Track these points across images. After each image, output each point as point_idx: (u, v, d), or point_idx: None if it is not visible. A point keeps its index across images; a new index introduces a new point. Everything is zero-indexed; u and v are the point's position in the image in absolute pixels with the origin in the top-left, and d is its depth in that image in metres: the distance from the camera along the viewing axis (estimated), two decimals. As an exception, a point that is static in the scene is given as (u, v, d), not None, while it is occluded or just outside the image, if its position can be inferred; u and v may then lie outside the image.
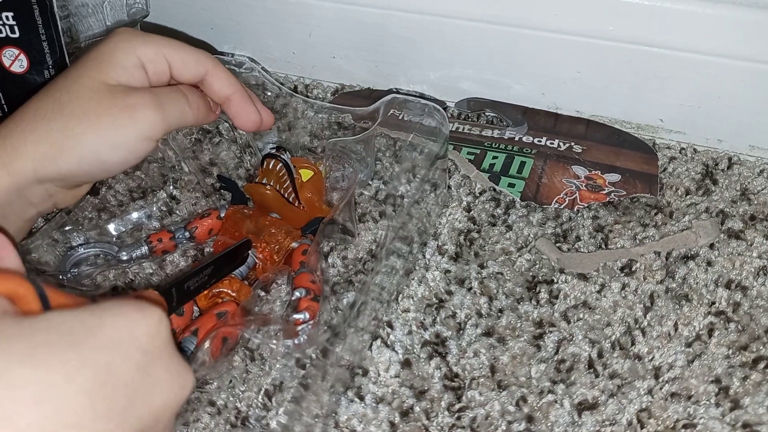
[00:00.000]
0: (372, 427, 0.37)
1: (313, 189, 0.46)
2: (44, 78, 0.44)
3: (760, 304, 0.41)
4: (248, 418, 0.38)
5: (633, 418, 0.36)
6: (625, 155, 0.52)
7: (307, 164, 0.47)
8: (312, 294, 0.39)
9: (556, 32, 0.51)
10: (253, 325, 0.38)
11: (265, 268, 0.43)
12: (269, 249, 0.43)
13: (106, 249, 0.44)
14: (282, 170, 0.43)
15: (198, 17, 0.60)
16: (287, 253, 0.43)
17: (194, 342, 0.37)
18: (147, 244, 0.44)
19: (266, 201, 0.44)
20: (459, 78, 0.57)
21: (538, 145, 0.53)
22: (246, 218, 0.44)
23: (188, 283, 0.36)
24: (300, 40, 0.59)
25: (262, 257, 0.43)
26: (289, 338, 0.38)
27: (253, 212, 0.45)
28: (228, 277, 0.41)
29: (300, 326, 0.37)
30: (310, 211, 0.46)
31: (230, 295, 0.40)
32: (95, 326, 0.21)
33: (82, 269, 0.44)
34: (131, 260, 0.44)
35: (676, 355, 0.39)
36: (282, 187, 0.44)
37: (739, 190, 0.49)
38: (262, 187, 0.43)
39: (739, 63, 0.48)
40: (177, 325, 0.38)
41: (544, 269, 0.44)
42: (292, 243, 0.43)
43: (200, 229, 0.45)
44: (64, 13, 0.48)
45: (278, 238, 0.43)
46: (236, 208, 0.45)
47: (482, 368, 0.39)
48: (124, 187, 0.50)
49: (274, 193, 0.43)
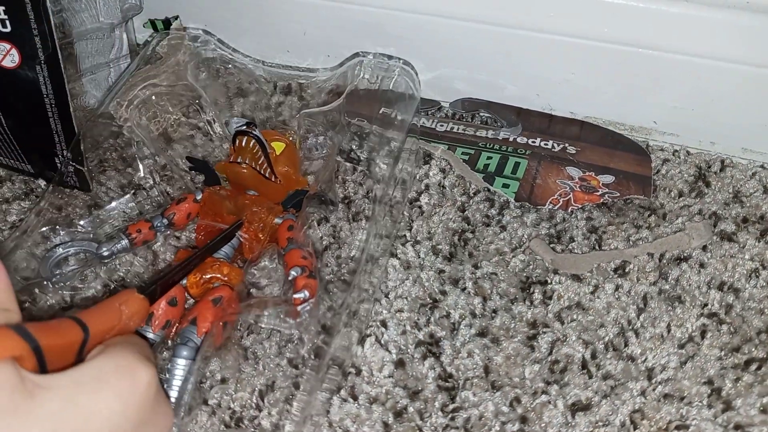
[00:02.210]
0: (365, 427, 0.37)
1: (287, 161, 0.45)
2: (36, 73, 0.43)
3: (752, 306, 0.41)
4: (242, 419, 0.37)
5: (626, 419, 0.36)
6: (618, 157, 0.52)
7: (278, 136, 0.46)
8: (307, 271, 0.39)
9: (550, 33, 0.51)
10: (252, 309, 0.38)
11: (251, 247, 0.42)
12: (253, 228, 0.42)
13: (85, 246, 0.44)
14: (255, 146, 0.43)
15: (193, 16, 0.60)
16: (271, 230, 0.42)
17: (194, 331, 0.37)
18: (126, 237, 0.44)
19: (242, 179, 0.43)
20: (453, 78, 0.57)
21: (533, 146, 0.53)
22: (224, 199, 0.44)
23: (174, 277, 0.36)
24: (295, 39, 0.59)
25: (247, 237, 0.42)
26: (291, 318, 0.37)
27: (230, 192, 0.44)
28: (216, 261, 0.40)
29: (300, 305, 0.37)
30: (287, 184, 0.45)
31: (221, 279, 0.40)
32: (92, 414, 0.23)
33: (64, 270, 0.43)
34: (113, 255, 0.44)
35: (669, 356, 0.39)
36: (257, 163, 0.43)
37: (731, 193, 0.49)
38: (237, 166, 0.43)
39: (733, 66, 0.48)
40: (172, 316, 0.38)
41: (538, 270, 0.44)
42: (275, 219, 0.42)
43: (178, 214, 0.45)
44: (56, 8, 0.48)
45: (261, 216, 0.42)
46: (212, 190, 0.45)
47: (476, 369, 0.39)
48: (115, 183, 0.50)
49: (250, 171, 0.43)
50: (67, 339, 0.25)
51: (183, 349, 0.36)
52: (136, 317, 0.30)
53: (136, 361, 0.25)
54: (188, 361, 0.36)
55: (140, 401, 0.25)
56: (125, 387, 0.25)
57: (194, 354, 0.36)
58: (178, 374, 0.36)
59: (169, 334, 0.38)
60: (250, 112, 0.53)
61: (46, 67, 0.43)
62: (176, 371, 0.36)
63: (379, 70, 0.48)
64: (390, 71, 0.47)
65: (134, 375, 0.25)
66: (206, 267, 0.40)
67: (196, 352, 0.37)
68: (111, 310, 0.29)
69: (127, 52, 0.56)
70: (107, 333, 0.27)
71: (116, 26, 0.54)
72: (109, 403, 0.24)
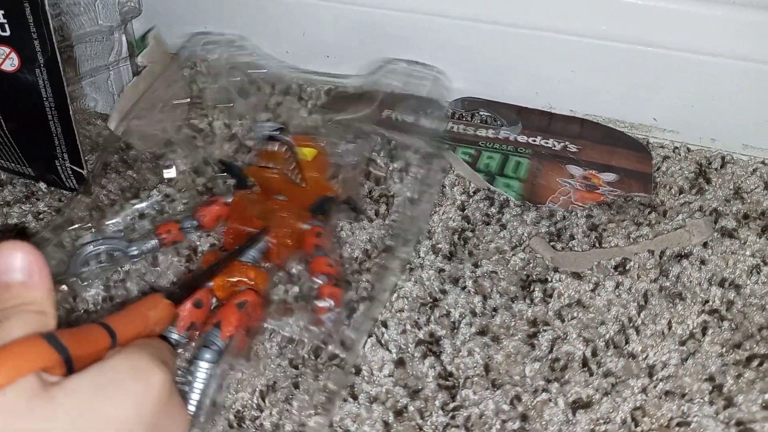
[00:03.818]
0: (366, 426, 0.37)
1: (317, 167, 0.45)
2: (35, 77, 0.43)
3: (753, 303, 0.41)
4: (243, 419, 0.37)
5: (627, 416, 0.36)
6: (619, 154, 0.52)
7: (309, 142, 0.46)
8: (333, 279, 0.39)
9: (549, 31, 0.51)
10: (276, 315, 0.38)
11: (279, 252, 0.42)
12: (282, 233, 0.42)
13: (115, 245, 0.44)
14: (288, 152, 0.43)
15: (191, 17, 0.60)
16: (299, 236, 0.42)
17: (218, 335, 0.36)
18: (156, 237, 0.44)
19: (273, 184, 0.43)
20: (453, 77, 0.57)
21: (533, 144, 0.53)
22: (253, 203, 0.44)
23: (200, 282, 0.36)
24: (294, 39, 0.59)
25: (275, 242, 0.42)
26: (315, 326, 0.37)
27: (259, 196, 0.44)
28: (243, 264, 0.40)
29: (325, 314, 0.37)
30: (315, 189, 0.45)
31: (247, 283, 0.39)
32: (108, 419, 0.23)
33: (92, 268, 0.43)
34: (141, 254, 0.44)
35: (670, 353, 0.39)
36: (288, 169, 0.43)
37: (732, 189, 0.49)
38: (268, 171, 0.43)
39: (733, 62, 0.48)
40: (197, 318, 0.37)
41: (538, 268, 0.44)
42: (302, 225, 0.42)
43: (208, 216, 0.45)
44: (55, 11, 0.48)
45: (289, 222, 0.42)
46: (242, 193, 0.45)
47: (476, 367, 0.39)
48: (116, 186, 0.50)
49: (280, 176, 0.43)
50: (96, 347, 0.25)
51: (206, 352, 0.36)
52: (162, 323, 0.30)
53: (151, 364, 0.25)
54: (211, 364, 0.36)
55: (154, 405, 0.25)
56: (140, 391, 0.24)
57: (217, 357, 0.36)
58: (201, 377, 0.36)
59: (192, 335, 0.38)
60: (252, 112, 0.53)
61: (46, 71, 0.43)
62: (198, 374, 0.36)
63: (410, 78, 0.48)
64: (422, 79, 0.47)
65: (149, 378, 0.25)
66: (233, 270, 0.39)
67: (219, 355, 0.36)
68: (138, 316, 0.29)
69: (126, 55, 0.57)
70: (134, 339, 0.27)
71: (115, 29, 0.54)
72: (125, 408, 0.24)
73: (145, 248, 0.44)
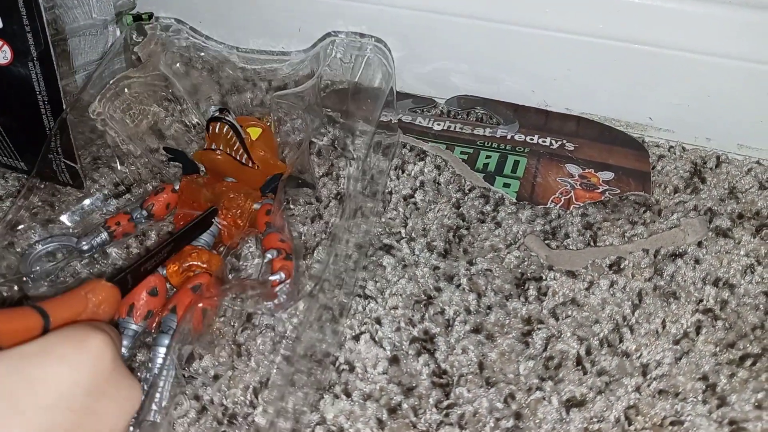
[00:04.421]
0: (359, 424, 0.36)
1: (264, 146, 0.45)
2: (28, 70, 0.43)
3: (747, 302, 0.41)
4: (236, 416, 0.37)
5: (621, 415, 0.36)
6: (617, 153, 0.52)
7: (254, 121, 0.46)
8: (284, 253, 0.39)
9: (546, 29, 0.51)
10: (230, 293, 0.38)
11: (231, 234, 0.42)
12: (231, 214, 0.42)
13: (64, 242, 0.44)
14: (229, 132, 0.42)
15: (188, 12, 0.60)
16: (250, 216, 0.42)
17: (174, 320, 0.37)
18: (106, 230, 0.44)
19: (219, 166, 0.43)
20: (449, 74, 0.57)
21: (531, 143, 0.53)
22: (201, 187, 0.43)
23: (146, 265, 0.36)
24: (290, 36, 0.58)
25: (225, 224, 0.42)
26: (269, 300, 0.37)
27: (208, 180, 0.44)
28: (195, 249, 0.40)
29: (278, 287, 0.37)
30: (265, 169, 0.45)
31: (201, 266, 0.39)
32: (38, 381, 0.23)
33: (44, 266, 0.43)
34: (92, 249, 0.44)
35: (663, 352, 0.39)
36: (232, 149, 0.43)
37: (727, 189, 0.49)
38: (212, 153, 0.42)
39: (729, 62, 0.48)
40: (153, 306, 0.38)
41: (532, 266, 0.44)
42: (253, 205, 0.42)
43: (157, 205, 0.44)
44: (48, 4, 0.48)
45: (238, 202, 0.42)
46: (190, 178, 0.44)
47: (470, 365, 0.39)
48: (109, 181, 0.50)
49: (225, 157, 0.42)
50: (23, 324, 0.25)
51: (164, 338, 0.36)
52: (105, 305, 0.30)
53: (86, 330, 0.25)
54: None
55: (93, 368, 0.24)
56: (74, 354, 0.24)
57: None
58: (160, 362, 0.36)
59: (151, 324, 0.38)
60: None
61: (39, 64, 0.43)
62: (158, 359, 0.36)
63: (352, 49, 0.47)
64: (362, 49, 0.46)
65: (84, 342, 0.25)
66: (185, 255, 0.39)
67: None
68: (75, 298, 0.29)
69: (120, 49, 0.56)
70: (71, 320, 0.27)
71: (109, 23, 0.54)
72: (56, 370, 0.23)
73: (96, 242, 0.43)
